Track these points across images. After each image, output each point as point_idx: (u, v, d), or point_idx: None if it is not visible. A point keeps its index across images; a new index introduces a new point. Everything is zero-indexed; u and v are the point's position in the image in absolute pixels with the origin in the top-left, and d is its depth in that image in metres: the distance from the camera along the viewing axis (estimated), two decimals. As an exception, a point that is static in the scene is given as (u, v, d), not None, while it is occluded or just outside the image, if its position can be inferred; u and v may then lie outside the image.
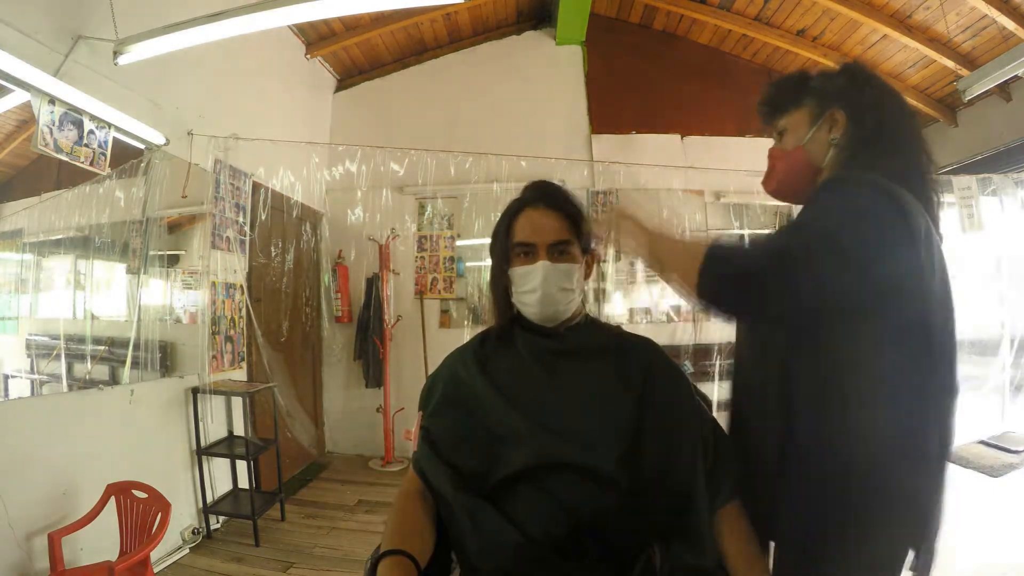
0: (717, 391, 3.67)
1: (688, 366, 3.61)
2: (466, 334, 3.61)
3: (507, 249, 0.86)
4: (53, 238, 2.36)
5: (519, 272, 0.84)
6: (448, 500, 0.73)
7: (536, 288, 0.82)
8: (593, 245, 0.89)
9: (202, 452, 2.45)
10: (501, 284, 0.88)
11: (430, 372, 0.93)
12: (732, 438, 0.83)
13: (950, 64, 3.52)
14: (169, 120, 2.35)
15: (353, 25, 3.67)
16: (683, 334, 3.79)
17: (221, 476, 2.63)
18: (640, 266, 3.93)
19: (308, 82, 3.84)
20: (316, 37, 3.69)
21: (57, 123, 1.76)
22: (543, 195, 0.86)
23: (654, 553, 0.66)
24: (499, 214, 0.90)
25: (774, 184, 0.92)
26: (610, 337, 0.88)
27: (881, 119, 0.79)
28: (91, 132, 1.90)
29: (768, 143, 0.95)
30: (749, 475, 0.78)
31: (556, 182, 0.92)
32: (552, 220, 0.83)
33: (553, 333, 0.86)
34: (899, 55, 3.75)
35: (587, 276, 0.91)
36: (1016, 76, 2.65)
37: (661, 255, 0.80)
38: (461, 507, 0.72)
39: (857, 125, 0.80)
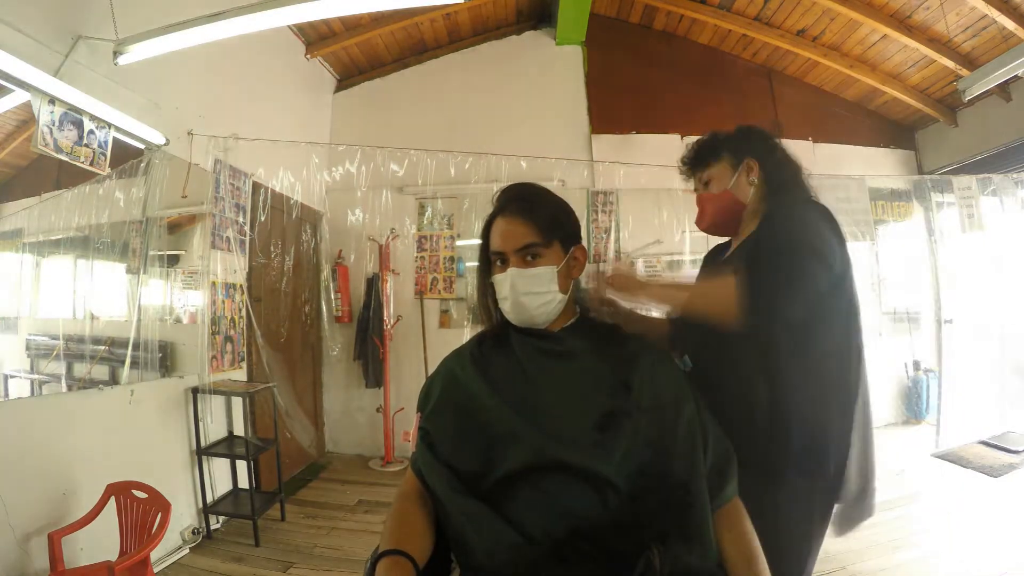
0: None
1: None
2: (466, 334, 3.61)
3: (487, 258, 0.88)
4: (53, 238, 2.36)
5: (496, 280, 0.87)
6: (445, 502, 0.73)
7: (507, 296, 0.84)
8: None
9: (202, 452, 2.45)
10: (487, 292, 0.90)
11: (430, 372, 0.93)
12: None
13: (950, 64, 3.51)
14: (169, 120, 2.35)
15: (353, 25, 3.66)
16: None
17: (221, 476, 2.63)
18: (641, 266, 3.93)
19: (308, 82, 3.84)
20: (316, 37, 3.69)
21: (57, 123, 1.76)
22: (510, 201, 0.87)
23: (654, 555, 0.65)
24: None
25: (707, 222, 1.14)
26: (606, 336, 0.88)
27: (779, 161, 1.08)
28: (91, 132, 1.90)
29: None
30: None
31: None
32: (518, 226, 0.84)
33: (547, 334, 0.86)
34: (899, 55, 3.74)
35: (576, 272, 0.91)
36: (1016, 76, 2.64)
37: (675, 299, 0.99)
38: (459, 509, 0.72)
39: (766, 168, 1.07)
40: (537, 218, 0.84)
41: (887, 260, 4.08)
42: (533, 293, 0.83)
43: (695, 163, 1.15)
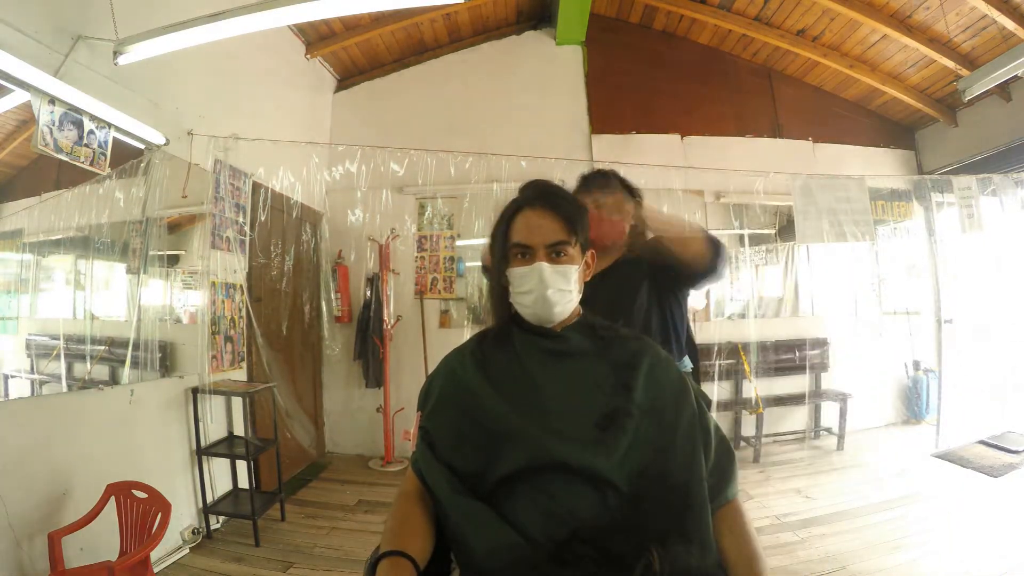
0: (717, 391, 3.67)
1: (688, 364, 3.60)
2: (466, 334, 3.61)
3: (505, 250, 0.86)
4: (53, 238, 2.35)
5: (517, 273, 0.84)
6: (445, 502, 0.73)
7: (533, 289, 0.83)
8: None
9: (202, 452, 2.45)
10: (499, 284, 0.88)
11: (430, 372, 0.93)
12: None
13: (950, 64, 3.51)
14: (169, 120, 2.35)
15: (353, 25, 3.66)
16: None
17: (221, 476, 2.63)
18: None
19: (308, 82, 3.84)
20: (316, 37, 3.69)
21: (57, 123, 1.76)
22: (540, 195, 0.86)
23: (654, 557, 0.65)
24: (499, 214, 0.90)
25: (602, 240, 1.30)
26: (608, 336, 0.88)
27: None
28: (91, 132, 1.90)
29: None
30: None
31: (556, 182, 0.92)
32: (549, 221, 0.83)
33: (550, 333, 0.86)
34: (899, 55, 3.75)
35: (587, 275, 0.91)
36: (1016, 76, 2.64)
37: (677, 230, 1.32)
38: (459, 509, 0.72)
39: (639, 206, 1.38)
40: (567, 216, 0.84)
41: (887, 260, 4.08)
42: (561, 290, 0.83)
43: (595, 186, 1.36)
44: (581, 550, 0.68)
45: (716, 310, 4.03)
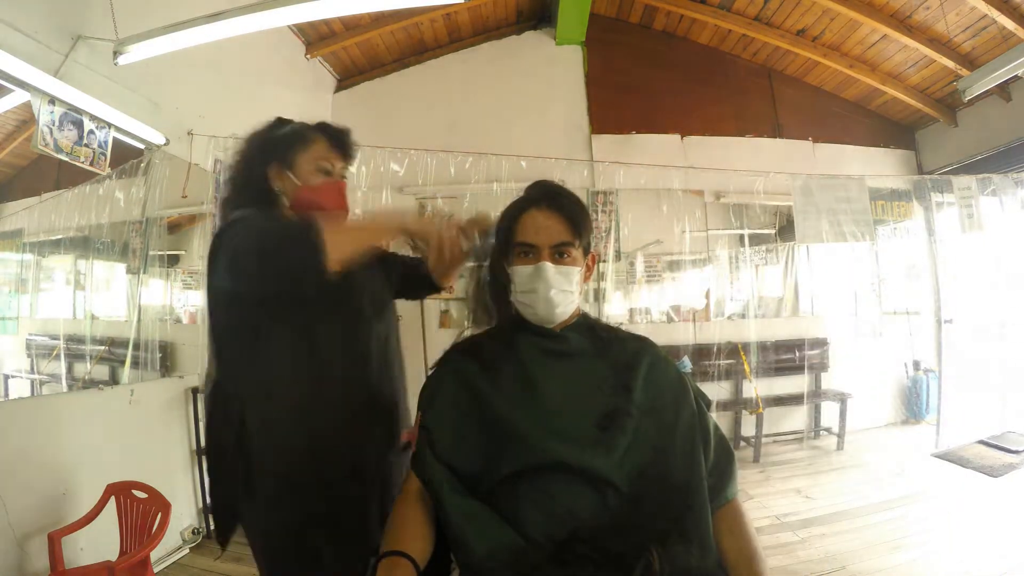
0: (717, 391, 3.68)
1: (687, 365, 3.61)
2: (465, 335, 3.60)
3: (509, 248, 0.86)
4: (53, 238, 2.36)
5: (521, 272, 0.84)
6: (445, 502, 0.73)
7: (536, 289, 0.83)
8: (592, 248, 0.90)
9: (202, 452, 2.44)
10: (500, 283, 0.88)
11: (430, 372, 0.93)
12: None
13: (950, 64, 3.52)
14: (169, 120, 2.35)
15: (353, 25, 3.66)
16: (683, 334, 3.79)
17: (221, 476, 2.62)
18: (640, 266, 3.93)
19: (308, 82, 3.84)
20: (316, 37, 3.68)
21: (57, 123, 1.76)
22: (546, 196, 0.86)
23: (653, 557, 0.65)
24: (499, 214, 0.90)
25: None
26: (608, 336, 0.88)
27: None
28: (91, 132, 1.90)
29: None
30: None
31: (557, 182, 0.92)
32: (555, 222, 0.83)
33: (550, 333, 0.86)
34: (899, 55, 3.75)
35: (587, 277, 0.91)
36: (1016, 76, 2.64)
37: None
38: (459, 509, 0.72)
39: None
40: (572, 218, 0.84)
41: (887, 260, 4.08)
42: (563, 290, 0.83)
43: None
44: (581, 550, 0.68)
45: (716, 310, 4.03)
